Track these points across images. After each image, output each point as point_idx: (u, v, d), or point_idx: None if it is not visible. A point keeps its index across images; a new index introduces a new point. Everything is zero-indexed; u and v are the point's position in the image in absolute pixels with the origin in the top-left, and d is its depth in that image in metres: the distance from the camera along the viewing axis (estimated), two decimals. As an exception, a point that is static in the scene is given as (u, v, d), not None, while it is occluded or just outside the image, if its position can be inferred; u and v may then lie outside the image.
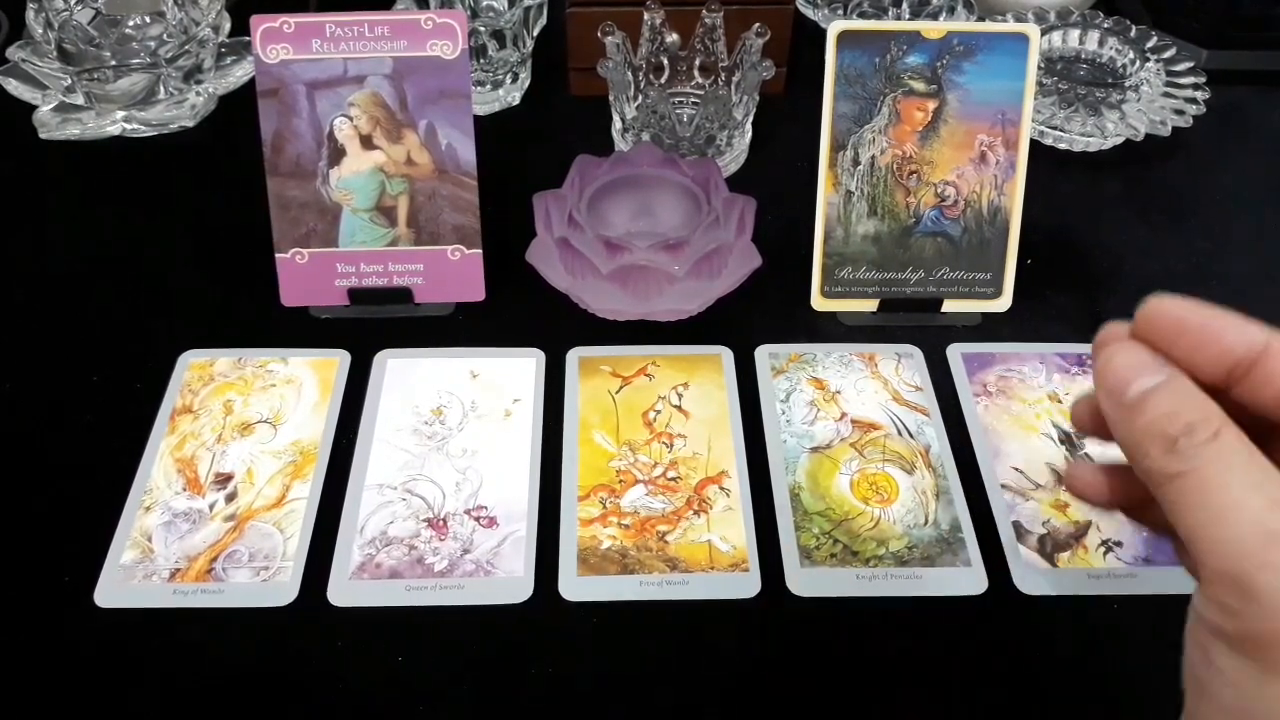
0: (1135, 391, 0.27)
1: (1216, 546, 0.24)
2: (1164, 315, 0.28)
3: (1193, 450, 0.25)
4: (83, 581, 0.41)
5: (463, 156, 0.50)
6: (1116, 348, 0.28)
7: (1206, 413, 0.26)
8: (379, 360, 0.50)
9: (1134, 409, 0.27)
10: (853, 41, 0.49)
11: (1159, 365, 0.27)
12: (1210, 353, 0.27)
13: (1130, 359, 0.28)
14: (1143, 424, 0.26)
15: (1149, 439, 0.26)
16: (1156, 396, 0.27)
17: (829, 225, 0.52)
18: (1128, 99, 0.63)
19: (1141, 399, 0.27)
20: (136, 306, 0.53)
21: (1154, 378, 0.27)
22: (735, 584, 0.41)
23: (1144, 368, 0.27)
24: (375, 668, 0.39)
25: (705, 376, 0.49)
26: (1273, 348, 0.26)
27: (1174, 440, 0.26)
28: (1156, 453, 0.26)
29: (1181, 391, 0.26)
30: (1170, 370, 0.27)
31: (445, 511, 0.44)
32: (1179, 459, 0.25)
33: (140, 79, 0.62)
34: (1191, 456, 0.25)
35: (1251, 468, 0.24)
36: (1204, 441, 0.25)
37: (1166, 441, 0.26)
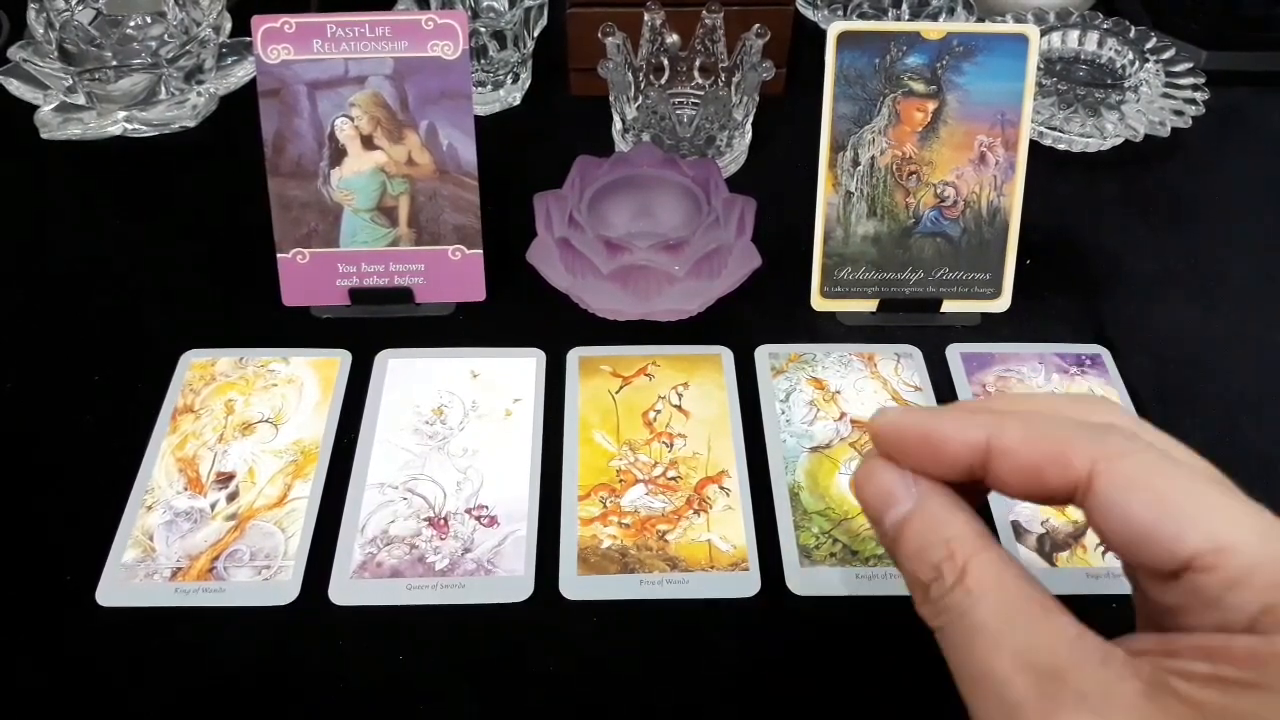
0: (889, 524, 0.25)
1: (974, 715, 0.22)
2: (887, 432, 0.26)
3: (941, 602, 0.23)
4: (84, 580, 0.41)
5: (464, 157, 0.51)
6: (866, 471, 0.26)
7: (952, 547, 0.24)
8: (380, 360, 0.50)
9: (894, 542, 0.25)
10: (852, 42, 0.49)
11: (907, 486, 0.25)
12: (941, 462, 0.25)
13: (879, 484, 0.26)
14: (903, 561, 0.25)
15: (911, 581, 0.25)
16: (906, 530, 0.25)
17: (829, 226, 0.52)
18: (1127, 100, 0.63)
19: (897, 530, 0.25)
20: (137, 306, 0.53)
21: (903, 505, 0.25)
22: (735, 583, 0.42)
23: (891, 493, 0.25)
24: (376, 667, 0.39)
25: (705, 376, 0.49)
26: (994, 448, 0.24)
27: (926, 587, 0.24)
28: (919, 599, 0.24)
29: (927, 521, 0.25)
30: (918, 490, 0.25)
31: (446, 511, 0.44)
32: (932, 611, 0.24)
33: (141, 79, 0.62)
34: (940, 609, 0.23)
35: (999, 614, 0.22)
36: (949, 589, 0.23)
37: (922, 588, 0.24)
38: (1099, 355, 0.51)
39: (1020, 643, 0.22)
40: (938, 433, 0.25)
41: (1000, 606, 0.22)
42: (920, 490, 0.25)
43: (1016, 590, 0.23)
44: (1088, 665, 0.21)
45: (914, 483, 0.25)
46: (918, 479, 0.25)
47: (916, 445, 0.26)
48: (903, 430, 0.26)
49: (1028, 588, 0.23)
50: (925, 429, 0.25)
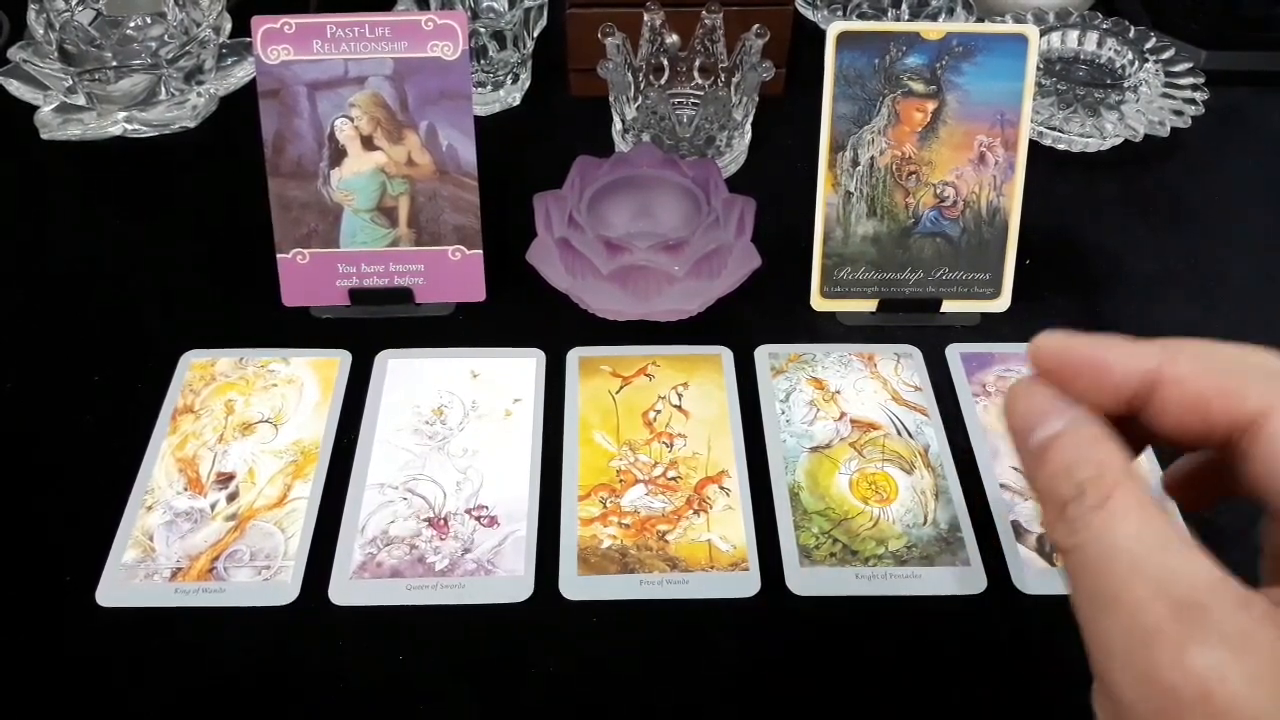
0: (1035, 440, 0.25)
1: (1095, 642, 0.22)
2: (1049, 355, 0.26)
3: (1080, 520, 0.23)
4: (84, 581, 0.41)
5: (463, 157, 0.51)
6: (1021, 389, 0.26)
7: (1102, 468, 0.23)
8: (380, 360, 0.50)
9: (1037, 459, 0.25)
10: (852, 42, 0.49)
11: (1062, 408, 0.25)
12: (1104, 388, 0.25)
13: (1032, 403, 0.25)
14: (1044, 478, 0.24)
15: (1047, 498, 0.24)
16: (1055, 447, 0.24)
17: (828, 226, 0.52)
18: (1126, 100, 0.63)
19: (1042, 449, 0.24)
20: (137, 306, 0.53)
21: (1054, 424, 0.25)
22: (735, 583, 0.42)
23: (1045, 412, 0.25)
24: (376, 667, 0.39)
25: (705, 376, 0.49)
26: (1165, 375, 0.24)
27: (1064, 505, 0.23)
28: (1051, 517, 0.24)
29: (1079, 441, 0.24)
30: (1073, 414, 0.25)
31: (446, 511, 0.44)
32: (1067, 529, 0.23)
33: (141, 80, 0.62)
34: (1079, 528, 0.23)
35: (1142, 540, 0.22)
36: (1091, 509, 0.23)
37: (1059, 505, 0.24)
38: (1099, 355, 0.51)
39: (1162, 571, 0.21)
40: (1106, 356, 0.25)
41: (1144, 533, 0.22)
42: (1076, 413, 0.25)
43: (1162, 522, 0.22)
44: (1229, 605, 0.21)
45: (1070, 403, 0.25)
46: (1075, 403, 0.25)
47: (1082, 367, 0.25)
48: (1068, 352, 0.26)
49: (1172, 522, 0.22)
50: (1093, 352, 0.25)
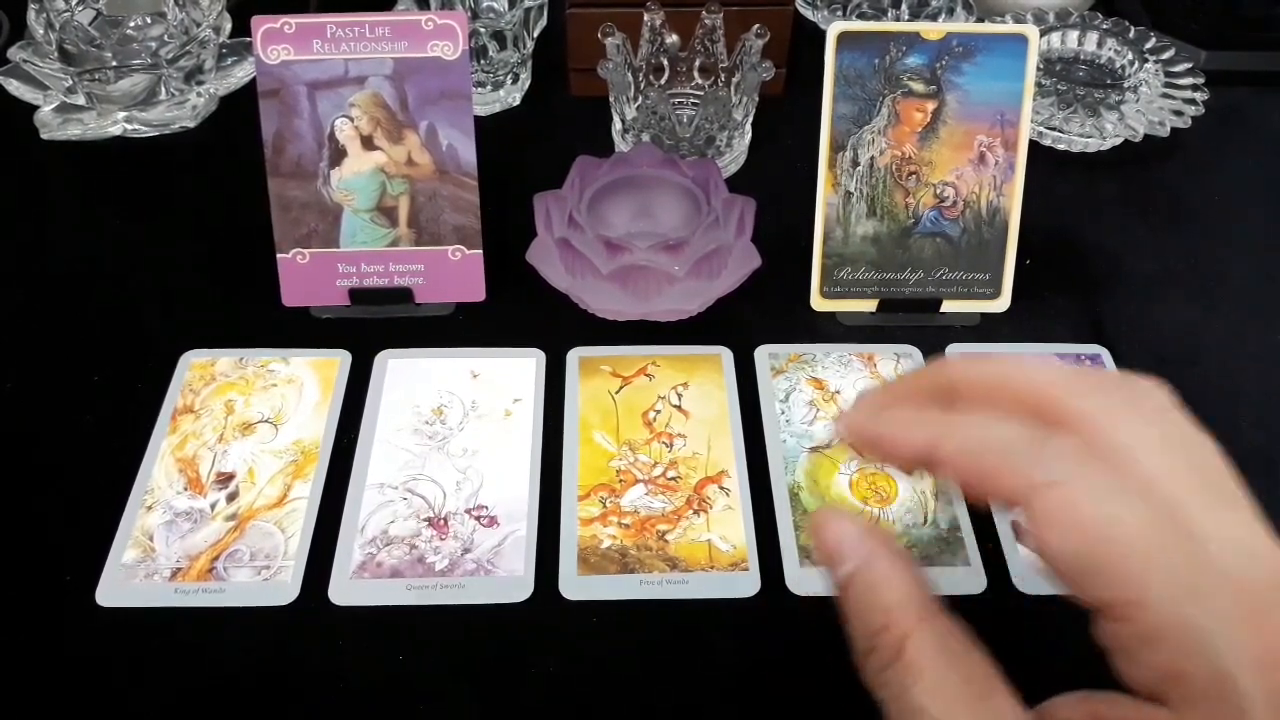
0: (837, 578, 0.25)
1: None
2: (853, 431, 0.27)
3: (879, 677, 0.23)
4: (84, 581, 0.41)
5: (463, 157, 0.51)
6: (819, 520, 0.26)
7: (890, 618, 0.23)
8: (380, 360, 0.50)
9: (842, 599, 0.25)
10: (852, 42, 0.49)
11: (854, 545, 0.25)
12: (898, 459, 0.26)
13: (827, 537, 0.26)
14: (850, 618, 0.25)
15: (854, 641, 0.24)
16: (849, 589, 0.24)
17: (828, 226, 0.52)
18: (1126, 100, 0.63)
19: (844, 587, 0.25)
20: (137, 306, 0.53)
21: (847, 564, 0.25)
22: (735, 583, 0.42)
23: (839, 549, 0.25)
24: (375, 667, 0.39)
25: (705, 376, 0.49)
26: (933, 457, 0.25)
27: (865, 657, 0.24)
28: (860, 662, 0.24)
29: (870, 582, 0.24)
30: (864, 551, 0.25)
31: (446, 511, 0.44)
32: (872, 679, 0.24)
33: (141, 79, 0.62)
34: (880, 682, 0.23)
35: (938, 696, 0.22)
36: (886, 664, 0.23)
37: (862, 655, 0.24)
38: (1099, 355, 0.51)
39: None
40: (886, 438, 0.26)
41: (939, 690, 0.22)
42: (868, 548, 0.25)
43: (956, 672, 0.22)
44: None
45: (864, 539, 0.25)
46: (871, 533, 0.25)
47: (871, 448, 0.26)
48: (859, 434, 0.27)
49: (967, 666, 0.23)
50: (875, 434, 0.26)
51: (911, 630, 0.23)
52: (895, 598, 0.24)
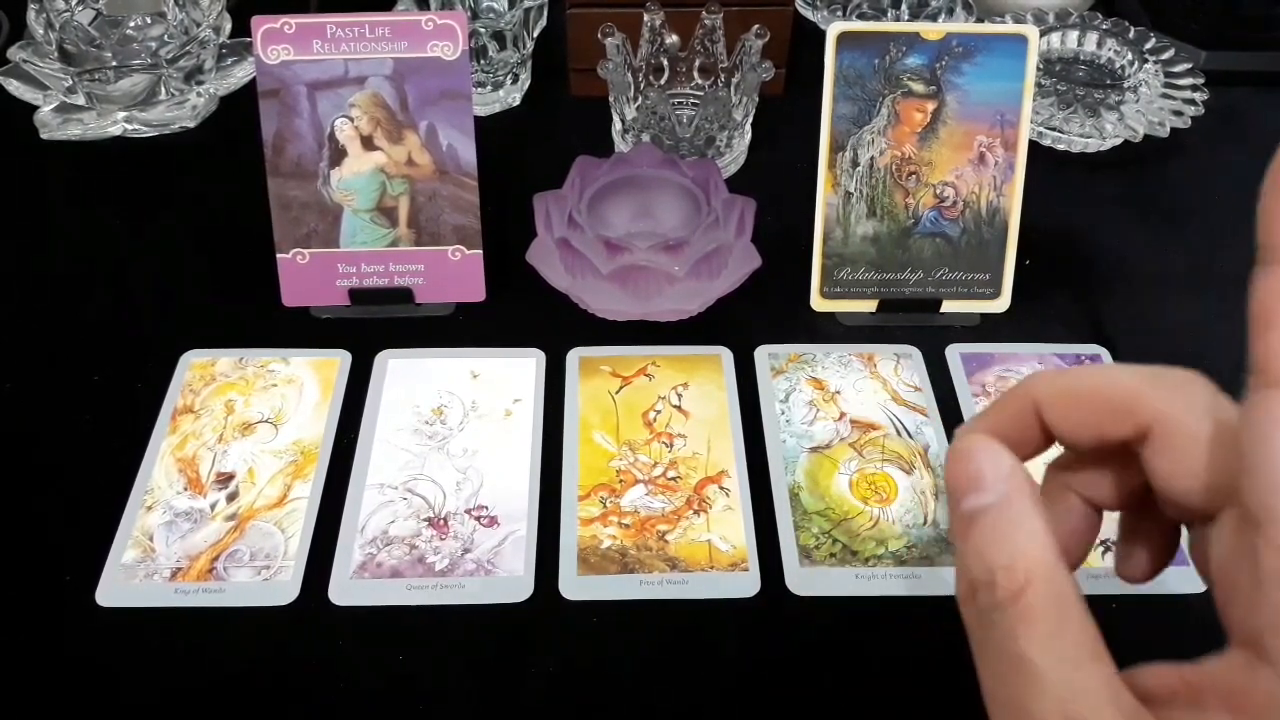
0: (964, 508, 0.24)
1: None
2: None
3: (988, 614, 0.22)
4: (84, 581, 0.41)
5: (463, 157, 0.51)
6: (960, 447, 0.25)
7: (1017, 557, 0.22)
8: (380, 360, 0.50)
9: (962, 530, 0.24)
10: (852, 43, 0.49)
11: (996, 478, 0.24)
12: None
13: (967, 465, 0.24)
14: (964, 550, 0.23)
15: (962, 573, 0.23)
16: (979, 521, 0.23)
17: (828, 226, 0.52)
18: (1126, 100, 0.63)
19: (968, 520, 0.23)
20: (137, 306, 0.53)
21: (983, 496, 0.23)
22: (735, 583, 0.42)
23: (976, 480, 0.24)
24: (376, 667, 0.39)
25: (705, 376, 0.49)
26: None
27: (975, 590, 0.22)
28: (963, 597, 0.23)
29: (1003, 524, 0.23)
30: (1006, 489, 0.23)
31: (446, 511, 0.44)
32: (976, 616, 0.22)
33: (141, 79, 0.62)
34: (986, 621, 0.22)
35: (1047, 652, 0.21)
36: (1000, 603, 0.22)
37: (969, 588, 0.23)
38: (1099, 355, 0.51)
39: (1064, 690, 0.21)
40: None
41: (1051, 643, 0.21)
42: (1010, 486, 0.23)
43: (1072, 630, 0.22)
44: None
45: (1008, 475, 0.24)
46: (1015, 471, 0.24)
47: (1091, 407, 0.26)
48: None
49: (1080, 628, 0.22)
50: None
51: (1035, 577, 0.22)
52: (1027, 541, 0.22)
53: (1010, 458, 0.24)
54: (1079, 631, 0.21)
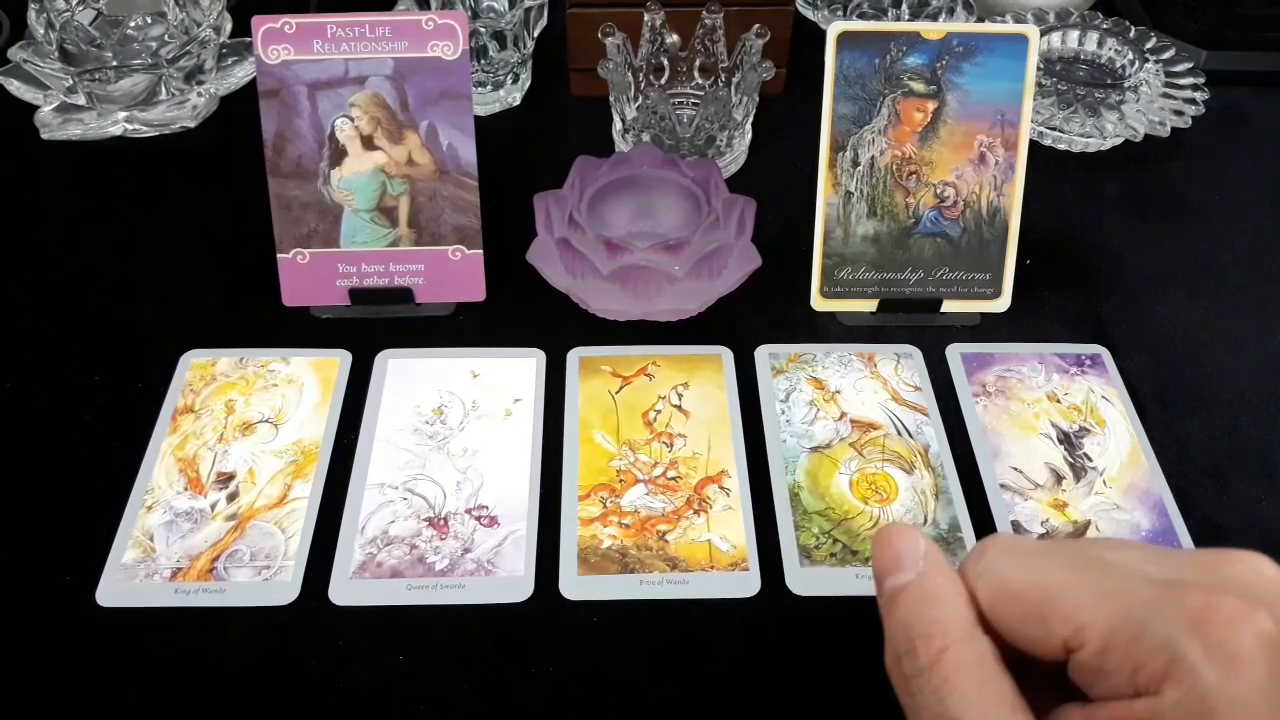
0: (887, 587, 0.26)
1: None
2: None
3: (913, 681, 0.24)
4: (84, 581, 0.41)
5: (463, 157, 0.51)
6: (884, 532, 0.27)
7: (934, 627, 0.24)
8: (380, 360, 0.50)
9: (888, 605, 0.26)
10: (852, 42, 0.49)
11: (915, 559, 0.26)
12: None
13: (889, 549, 0.26)
14: (888, 625, 0.25)
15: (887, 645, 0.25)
16: (900, 599, 0.25)
17: (828, 226, 0.52)
18: (1127, 100, 0.63)
19: (891, 597, 0.26)
20: (137, 306, 0.53)
21: (903, 575, 0.26)
22: (735, 583, 0.42)
23: (899, 560, 0.26)
24: (376, 667, 0.39)
25: (705, 376, 0.49)
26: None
27: (898, 658, 0.25)
28: (890, 664, 0.25)
29: (922, 593, 0.25)
30: (923, 565, 0.26)
31: (446, 511, 0.44)
32: (903, 684, 0.24)
33: (142, 79, 0.62)
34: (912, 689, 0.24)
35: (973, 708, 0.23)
36: (922, 669, 0.24)
37: (894, 657, 0.25)
38: (1099, 355, 0.51)
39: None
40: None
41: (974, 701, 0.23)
42: (927, 564, 0.26)
43: (990, 687, 0.23)
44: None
45: (926, 554, 0.26)
46: (932, 549, 0.26)
47: None
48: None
49: (1000, 684, 0.24)
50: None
51: (955, 642, 0.24)
52: (945, 610, 0.25)
53: (926, 540, 0.27)
54: (997, 688, 0.23)
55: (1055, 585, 0.24)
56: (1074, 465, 0.46)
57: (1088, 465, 0.46)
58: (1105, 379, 0.50)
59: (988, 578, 0.25)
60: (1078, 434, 0.47)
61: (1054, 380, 0.50)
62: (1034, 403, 0.49)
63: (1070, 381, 0.50)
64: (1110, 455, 0.46)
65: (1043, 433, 0.47)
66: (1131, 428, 0.48)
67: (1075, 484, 0.45)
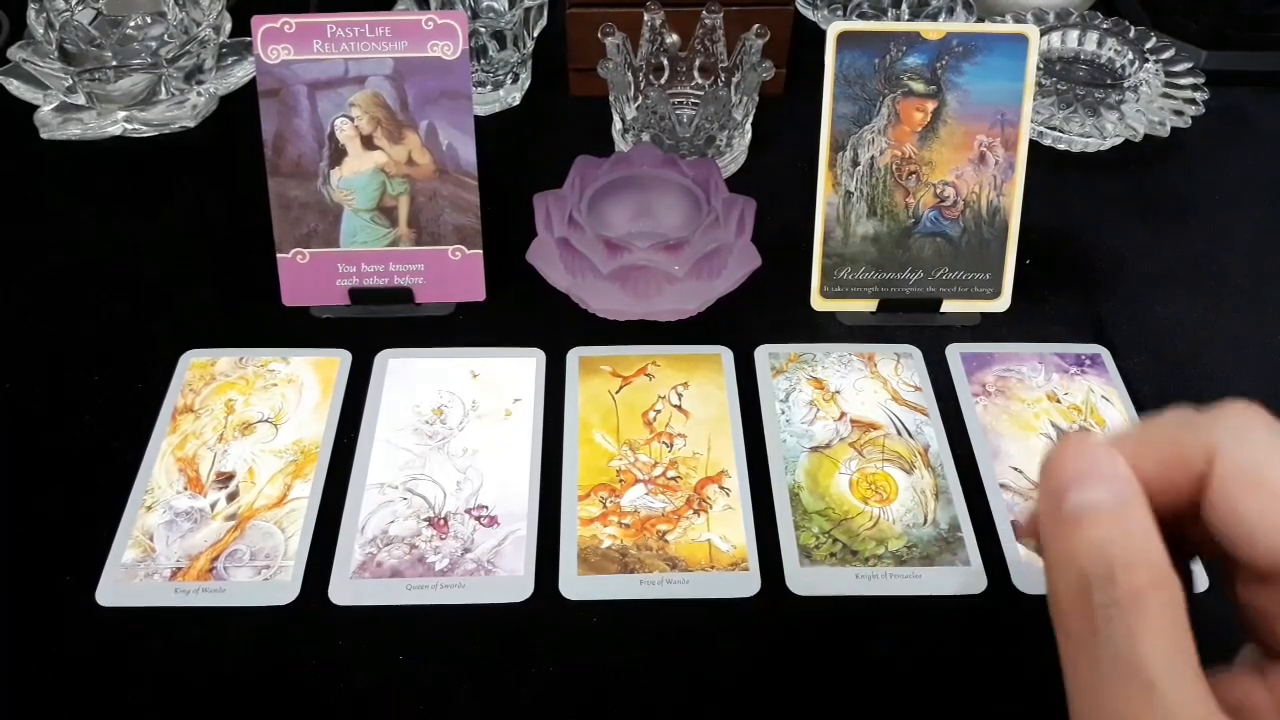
0: (1072, 503, 0.22)
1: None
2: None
3: (1104, 611, 0.20)
4: (84, 581, 0.41)
5: (463, 157, 0.51)
6: (1074, 441, 0.23)
7: (1138, 558, 0.21)
8: (380, 360, 0.50)
9: (1065, 523, 0.22)
10: (852, 42, 0.49)
11: (1114, 478, 0.22)
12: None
13: (1082, 460, 0.22)
14: (1067, 547, 0.22)
15: (1066, 570, 0.21)
16: (1094, 519, 0.21)
17: (828, 226, 0.52)
18: (1127, 100, 0.63)
19: (1076, 514, 0.22)
20: (137, 306, 0.53)
21: (1099, 491, 0.22)
22: (735, 583, 0.42)
23: (1093, 476, 0.22)
24: (375, 667, 0.39)
25: (705, 376, 0.49)
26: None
27: (1088, 586, 0.21)
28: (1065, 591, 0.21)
29: (1125, 521, 0.21)
30: (1125, 491, 0.22)
31: (446, 511, 0.44)
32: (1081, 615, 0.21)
33: (141, 79, 0.62)
34: (1101, 621, 0.21)
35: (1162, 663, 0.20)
36: (1120, 602, 0.20)
37: (1078, 582, 0.21)
38: (1099, 355, 0.51)
39: (1172, 704, 0.20)
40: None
41: (1168, 655, 0.20)
42: (1131, 491, 0.22)
43: (1187, 645, 0.21)
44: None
45: (1126, 478, 0.22)
46: (1131, 476, 0.22)
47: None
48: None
49: (1190, 649, 0.21)
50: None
51: (1160, 582, 0.21)
52: (1153, 545, 0.21)
53: (1125, 463, 0.23)
54: (1190, 648, 0.21)
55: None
56: (1074, 465, 0.46)
57: (1088, 465, 0.46)
58: (1105, 379, 0.50)
59: (1236, 452, 0.21)
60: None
61: (1054, 380, 0.50)
62: (1034, 403, 0.49)
63: (1070, 381, 0.50)
64: None
65: (1043, 433, 0.47)
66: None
67: (1075, 484, 0.45)
